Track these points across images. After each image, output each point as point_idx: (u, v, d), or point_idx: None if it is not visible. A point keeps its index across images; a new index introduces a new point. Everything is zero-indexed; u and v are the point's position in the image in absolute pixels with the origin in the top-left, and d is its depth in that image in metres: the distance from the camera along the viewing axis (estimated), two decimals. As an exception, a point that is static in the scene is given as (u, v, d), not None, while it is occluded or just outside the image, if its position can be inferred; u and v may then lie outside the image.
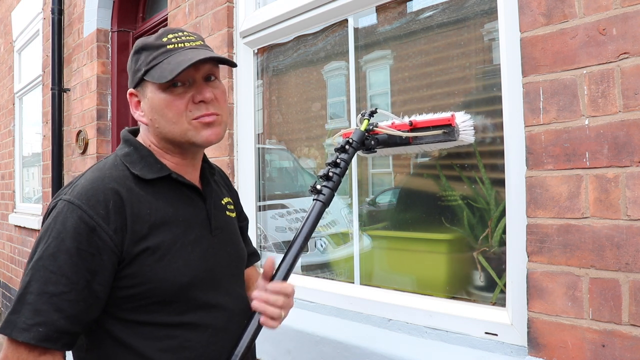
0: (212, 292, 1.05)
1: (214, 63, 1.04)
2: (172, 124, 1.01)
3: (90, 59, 3.50)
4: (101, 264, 0.92)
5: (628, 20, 1.02)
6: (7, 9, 5.69)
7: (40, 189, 4.54)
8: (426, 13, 1.61)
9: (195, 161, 1.11)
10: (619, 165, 1.03)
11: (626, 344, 1.01)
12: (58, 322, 0.88)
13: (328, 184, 1.21)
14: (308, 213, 1.18)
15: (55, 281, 0.89)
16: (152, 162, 1.04)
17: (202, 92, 1.01)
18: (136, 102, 1.07)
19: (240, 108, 2.19)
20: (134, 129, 1.14)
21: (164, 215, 1.01)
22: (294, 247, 1.13)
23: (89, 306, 0.92)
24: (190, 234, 1.04)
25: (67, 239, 0.90)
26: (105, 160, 1.06)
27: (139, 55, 1.04)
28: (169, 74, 0.96)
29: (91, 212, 0.92)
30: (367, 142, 1.34)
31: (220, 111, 1.05)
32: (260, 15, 2.09)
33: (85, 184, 0.96)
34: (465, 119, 1.33)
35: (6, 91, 5.64)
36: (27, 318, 0.87)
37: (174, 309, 0.99)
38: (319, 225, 1.20)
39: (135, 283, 0.96)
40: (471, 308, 1.39)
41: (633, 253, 1.01)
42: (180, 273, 0.99)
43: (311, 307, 1.79)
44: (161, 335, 0.98)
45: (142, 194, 1.00)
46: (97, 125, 3.41)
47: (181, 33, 1.05)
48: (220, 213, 1.15)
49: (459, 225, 1.49)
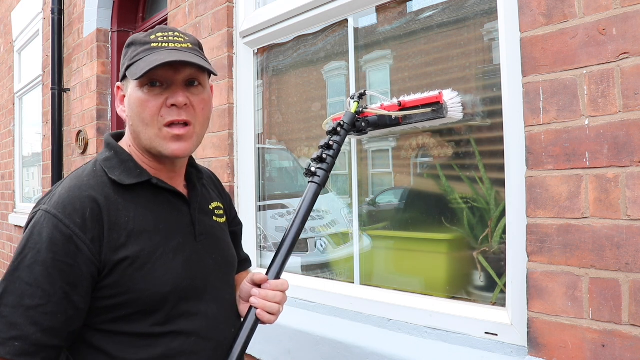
0: (196, 300, 1.03)
1: (198, 68, 0.99)
2: (144, 125, 0.98)
3: (90, 59, 3.51)
4: (79, 274, 0.90)
5: (628, 20, 1.02)
6: (7, 9, 5.69)
7: (40, 189, 4.54)
8: (426, 13, 1.61)
9: (175, 167, 1.08)
10: (619, 165, 1.03)
11: (626, 344, 1.01)
12: (34, 335, 0.86)
13: (322, 166, 1.21)
14: (304, 195, 1.18)
15: (31, 294, 0.87)
16: (131, 167, 1.01)
17: (176, 95, 0.97)
18: (122, 97, 1.06)
19: (240, 108, 2.19)
20: (117, 133, 1.11)
21: (144, 223, 0.98)
22: (292, 229, 1.14)
23: (68, 318, 0.90)
24: (172, 241, 1.01)
25: (42, 250, 0.88)
26: (85, 167, 1.03)
27: (128, 49, 1.03)
28: (139, 72, 0.94)
29: (67, 221, 0.90)
30: (358, 124, 1.35)
31: (193, 120, 1.00)
32: (260, 15, 2.09)
33: (62, 192, 0.94)
34: (453, 96, 1.34)
35: (6, 91, 5.64)
36: (1, 331, 0.85)
37: (156, 318, 0.97)
38: (318, 225, 1.21)
39: (116, 293, 0.93)
40: (471, 308, 1.39)
41: (633, 253, 1.01)
42: (161, 282, 0.96)
43: (311, 307, 1.79)
44: (143, 345, 0.96)
45: (120, 201, 0.97)
46: (97, 125, 3.41)
47: (172, 33, 1.02)
48: (207, 218, 1.12)
49: (459, 225, 1.49)
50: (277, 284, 1.08)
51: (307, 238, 2.06)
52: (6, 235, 5.44)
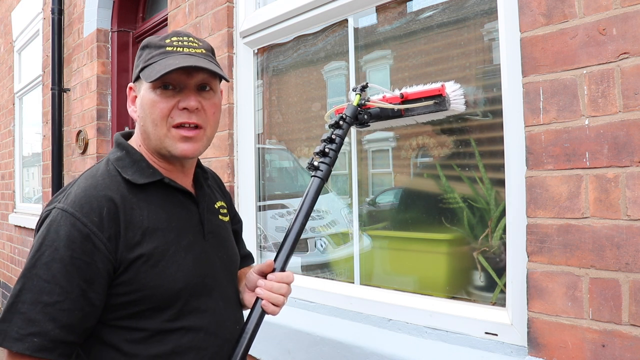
0: (205, 297, 1.05)
1: (210, 73, 1.02)
2: (154, 125, 1.01)
3: (90, 59, 3.51)
4: (96, 271, 0.92)
5: (628, 20, 1.02)
6: (7, 9, 5.69)
7: (40, 189, 4.53)
8: (426, 13, 1.61)
9: (184, 167, 1.11)
10: (619, 165, 1.03)
11: (626, 344, 1.01)
12: (53, 331, 0.87)
13: (325, 160, 1.21)
14: (307, 189, 1.18)
15: (49, 290, 0.88)
16: (144, 167, 1.04)
17: (188, 100, 1.00)
18: (133, 97, 1.08)
19: (240, 108, 2.19)
20: (127, 133, 1.13)
21: (157, 221, 1.01)
22: (295, 224, 1.14)
23: (84, 314, 0.91)
24: (184, 239, 1.04)
25: (60, 248, 0.90)
26: (98, 166, 1.05)
27: (142, 51, 1.05)
28: (154, 75, 0.96)
29: (85, 220, 0.92)
30: (360, 116, 1.34)
31: (203, 124, 1.03)
32: (260, 15, 2.09)
33: (78, 192, 0.96)
34: (455, 88, 1.33)
35: (6, 91, 5.64)
36: (19, 328, 0.86)
37: (168, 314, 0.99)
38: (318, 225, 1.21)
39: (130, 290, 0.96)
40: (471, 308, 1.39)
41: (633, 253, 1.01)
42: (174, 279, 0.99)
43: (311, 307, 1.79)
44: (155, 341, 0.98)
45: (134, 200, 0.99)
46: (97, 125, 3.41)
47: (186, 38, 1.05)
48: (213, 217, 1.15)
49: (459, 225, 1.49)
50: (283, 276, 1.10)
51: (307, 238, 2.06)
52: (6, 235, 5.44)
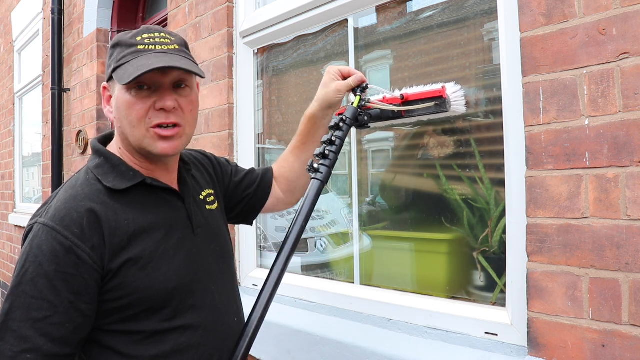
0: (200, 293, 1.04)
1: (186, 72, 1.00)
2: (132, 127, 0.99)
3: (90, 59, 3.50)
4: (83, 282, 0.91)
5: (628, 20, 1.02)
6: (7, 9, 5.69)
7: (40, 189, 4.54)
8: (426, 13, 1.61)
9: (167, 165, 1.09)
10: (619, 165, 1.03)
11: (626, 344, 1.01)
12: (45, 346, 0.87)
13: (325, 162, 1.20)
14: (307, 192, 1.18)
15: (37, 306, 0.88)
16: (124, 171, 1.02)
17: (164, 100, 0.98)
18: (108, 97, 1.06)
19: (240, 108, 2.19)
20: (104, 136, 1.11)
21: (143, 223, 0.99)
22: (295, 227, 1.13)
23: (76, 326, 0.91)
24: (172, 237, 1.03)
25: (44, 263, 0.89)
26: (77, 176, 1.04)
27: (114, 50, 1.02)
28: (127, 77, 0.94)
29: (66, 233, 0.91)
30: (360, 118, 1.34)
31: (182, 122, 1.01)
32: (260, 15, 2.09)
33: (58, 205, 0.95)
34: (456, 89, 1.32)
35: (6, 91, 5.64)
36: (12, 345, 0.86)
37: (164, 314, 0.99)
38: (318, 225, 1.20)
39: (122, 295, 0.95)
40: (471, 308, 1.39)
41: (633, 253, 1.01)
42: (165, 279, 0.98)
43: (311, 307, 1.79)
44: (153, 342, 0.98)
45: (117, 206, 0.98)
46: (97, 125, 3.41)
47: (157, 34, 1.02)
48: (201, 209, 1.14)
49: (459, 225, 1.49)
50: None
51: (307, 238, 2.06)
52: (6, 235, 5.44)
